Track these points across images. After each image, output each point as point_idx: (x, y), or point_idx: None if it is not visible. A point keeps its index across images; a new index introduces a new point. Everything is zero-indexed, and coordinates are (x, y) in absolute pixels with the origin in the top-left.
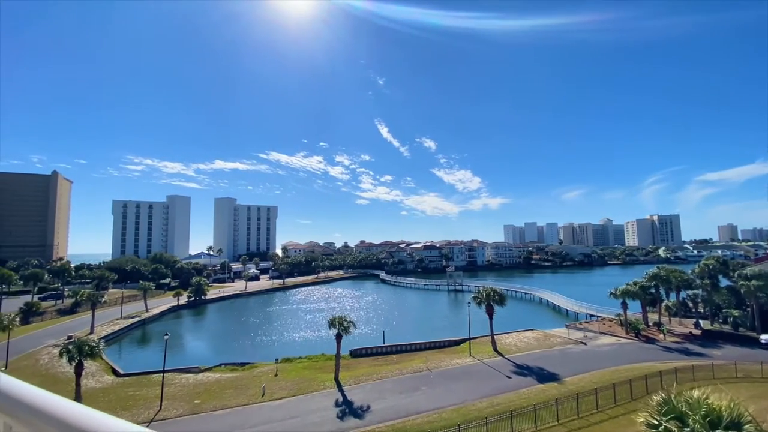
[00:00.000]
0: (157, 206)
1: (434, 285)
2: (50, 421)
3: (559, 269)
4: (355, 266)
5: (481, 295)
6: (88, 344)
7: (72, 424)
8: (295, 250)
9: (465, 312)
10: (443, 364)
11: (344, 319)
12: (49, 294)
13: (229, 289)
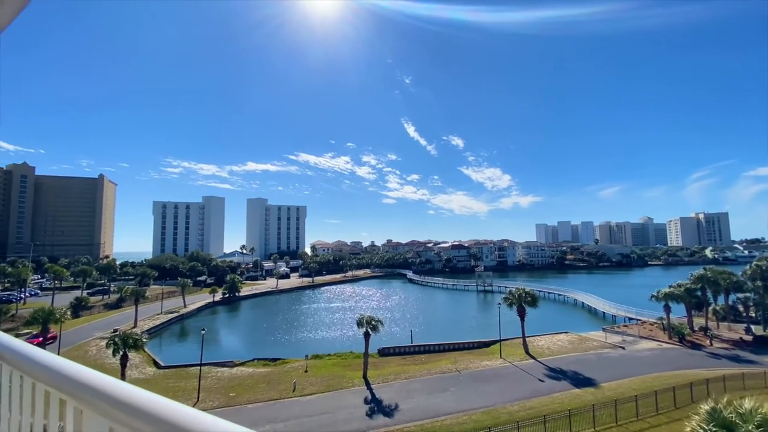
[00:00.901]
0: (193, 207)
1: (462, 285)
2: (153, 420)
3: (595, 270)
4: (382, 265)
5: (512, 296)
6: (132, 337)
7: (177, 424)
8: (323, 249)
9: (495, 313)
10: (473, 365)
11: (372, 318)
12: (96, 289)
13: (262, 286)
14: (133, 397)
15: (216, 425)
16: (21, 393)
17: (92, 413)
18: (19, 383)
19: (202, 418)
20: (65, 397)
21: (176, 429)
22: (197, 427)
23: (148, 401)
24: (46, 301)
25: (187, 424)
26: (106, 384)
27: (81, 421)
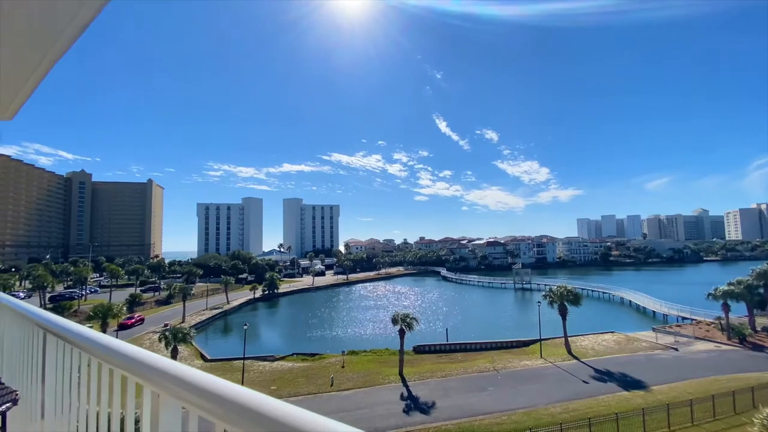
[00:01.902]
0: (234, 208)
1: (499, 283)
2: (220, 401)
3: (643, 266)
4: (415, 263)
5: (552, 294)
6: (182, 331)
7: (241, 403)
8: (356, 246)
9: (534, 312)
10: (511, 365)
11: (407, 315)
12: (148, 287)
13: (299, 283)
14: (203, 381)
15: (267, 404)
16: (99, 378)
17: (168, 396)
18: (97, 369)
19: (264, 399)
20: (142, 382)
21: (239, 407)
22: (257, 406)
23: (217, 384)
24: (105, 297)
25: (247, 402)
26: (181, 370)
27: (158, 403)
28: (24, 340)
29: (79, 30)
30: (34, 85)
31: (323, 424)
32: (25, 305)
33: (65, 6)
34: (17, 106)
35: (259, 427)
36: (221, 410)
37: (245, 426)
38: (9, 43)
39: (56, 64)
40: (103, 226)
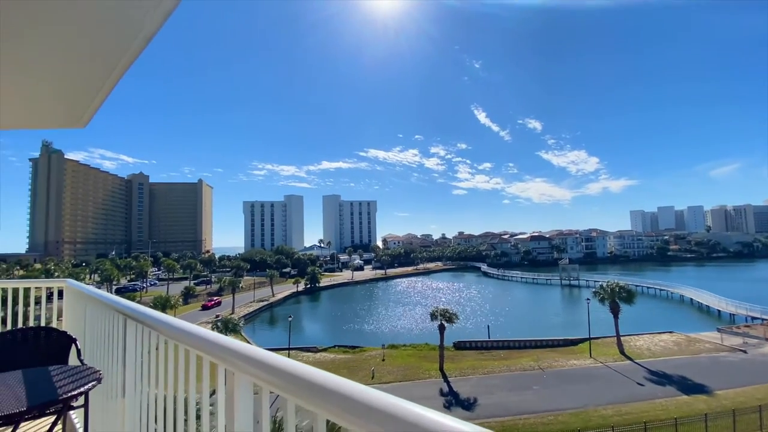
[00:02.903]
0: (277, 205)
1: (544, 279)
2: (287, 377)
3: (706, 262)
4: (454, 258)
5: (603, 291)
6: (232, 322)
7: (305, 379)
8: (394, 242)
9: (582, 309)
10: (557, 364)
11: (447, 310)
12: (200, 280)
13: (338, 278)
14: (274, 360)
15: (331, 379)
16: (176, 358)
17: (242, 373)
18: (174, 350)
19: (327, 375)
20: (217, 361)
21: (307, 383)
22: (322, 381)
23: (285, 363)
24: (163, 290)
25: (314, 378)
26: (252, 350)
27: (233, 380)
28: (106, 326)
29: (145, 42)
30: (105, 95)
31: (377, 397)
32: (108, 295)
33: (133, 21)
34: (90, 115)
35: (326, 402)
36: (291, 386)
37: (311, 399)
38: (85, 58)
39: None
40: (159, 223)
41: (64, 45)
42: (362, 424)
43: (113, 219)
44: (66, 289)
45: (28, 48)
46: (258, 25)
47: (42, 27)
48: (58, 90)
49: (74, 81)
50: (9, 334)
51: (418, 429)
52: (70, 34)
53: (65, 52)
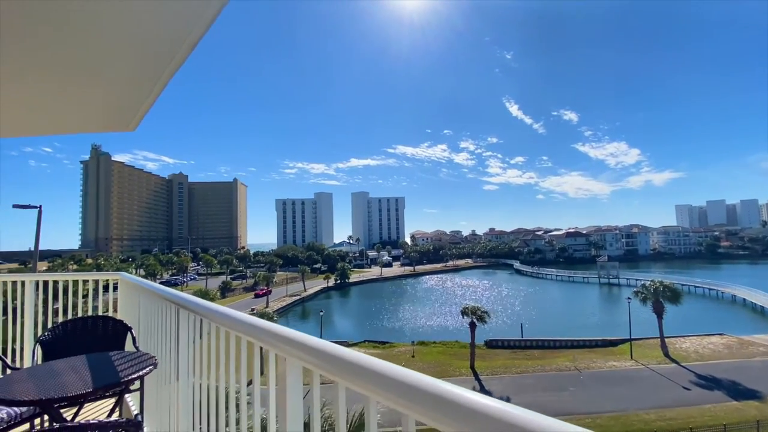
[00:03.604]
0: (308, 202)
1: (581, 277)
2: (334, 361)
3: (761, 260)
4: (485, 255)
5: (645, 290)
6: (267, 315)
7: (353, 363)
8: (422, 238)
9: (622, 309)
10: (595, 365)
11: (478, 308)
12: (237, 275)
13: (367, 274)
14: (323, 345)
15: (378, 364)
16: (227, 344)
17: (293, 359)
18: (225, 337)
19: (374, 360)
20: (268, 347)
21: (357, 368)
22: (368, 365)
23: (335, 348)
24: (202, 284)
25: (363, 362)
26: (303, 337)
27: (285, 365)
28: (160, 315)
29: (191, 47)
30: (153, 100)
31: (418, 377)
32: (161, 287)
33: (181, 27)
34: (139, 118)
35: (376, 386)
36: (341, 370)
37: (360, 383)
38: (137, 64)
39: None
40: (198, 221)
41: (117, 53)
42: (395, 399)
43: (156, 217)
44: (120, 281)
45: (85, 57)
46: (287, 27)
47: (96, 36)
48: (111, 96)
49: (126, 87)
50: (73, 322)
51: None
52: (123, 42)
53: (119, 60)
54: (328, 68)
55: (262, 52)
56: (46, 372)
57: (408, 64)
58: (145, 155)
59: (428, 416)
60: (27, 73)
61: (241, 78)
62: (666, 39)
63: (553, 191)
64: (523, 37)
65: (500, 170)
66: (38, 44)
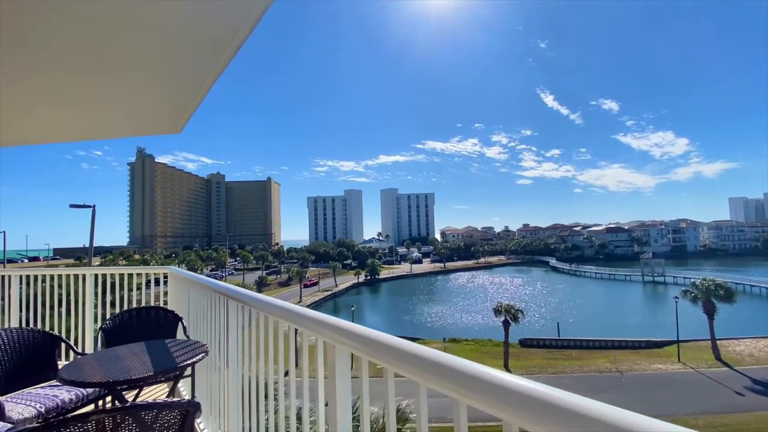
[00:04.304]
0: (338, 200)
1: (622, 275)
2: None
3: None
4: (519, 252)
5: (696, 289)
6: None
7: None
8: (452, 234)
9: (668, 309)
10: (638, 367)
11: (512, 306)
12: (271, 270)
13: (397, 270)
14: (370, 333)
15: (421, 350)
16: (276, 333)
17: (342, 345)
18: (274, 326)
19: (419, 347)
20: (316, 335)
21: (403, 353)
22: (413, 351)
23: (380, 336)
24: (239, 278)
25: (408, 349)
26: (349, 325)
27: (333, 352)
28: (209, 306)
29: (236, 49)
30: (198, 102)
31: (455, 360)
32: (210, 279)
33: (227, 30)
34: (185, 121)
35: (426, 372)
36: (389, 356)
37: (410, 369)
38: (185, 68)
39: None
40: (234, 218)
41: (168, 56)
42: (447, 385)
43: (196, 215)
44: (170, 275)
45: (138, 62)
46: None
47: (149, 40)
48: (161, 99)
49: (175, 90)
50: (130, 312)
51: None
52: (174, 45)
53: (169, 63)
54: (355, 66)
55: (291, 51)
56: (111, 357)
57: (435, 58)
58: (185, 156)
59: (482, 402)
60: (82, 83)
61: (272, 78)
62: (716, 17)
63: (592, 185)
64: (558, 25)
65: (535, 164)
66: (92, 53)
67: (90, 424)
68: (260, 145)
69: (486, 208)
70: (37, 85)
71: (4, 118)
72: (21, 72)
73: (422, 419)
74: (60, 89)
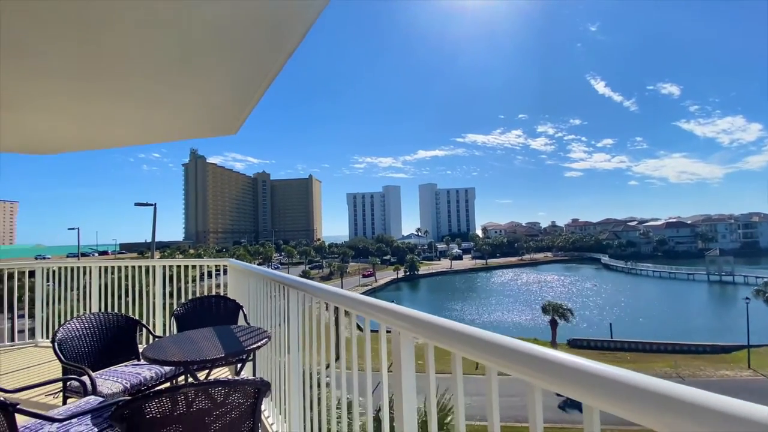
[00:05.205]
0: (376, 196)
1: (684, 273)
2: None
3: None
4: (567, 248)
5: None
6: None
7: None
8: (494, 230)
9: (738, 311)
10: (702, 373)
11: (560, 305)
12: (314, 264)
13: (437, 266)
14: (432, 319)
15: (479, 333)
16: (337, 319)
17: (407, 332)
18: (333, 311)
19: (487, 333)
20: (380, 321)
21: (468, 337)
22: (470, 333)
23: (439, 320)
24: (284, 272)
25: (471, 333)
26: (412, 312)
27: (399, 339)
28: (270, 295)
29: (291, 52)
30: (253, 105)
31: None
32: (271, 271)
33: (284, 31)
34: (241, 123)
35: (497, 356)
36: (455, 340)
37: (478, 354)
38: (244, 70)
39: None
40: (279, 215)
41: (229, 63)
42: (521, 369)
43: (244, 212)
44: (229, 266)
45: (201, 66)
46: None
47: (211, 45)
48: (221, 103)
49: (234, 92)
50: (200, 300)
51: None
52: (233, 48)
53: (229, 67)
54: (392, 61)
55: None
56: (185, 339)
57: (474, 49)
58: (234, 156)
59: (555, 384)
60: (152, 89)
61: (313, 76)
62: None
63: (650, 176)
64: (609, 6)
65: (585, 155)
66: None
67: (180, 396)
68: (302, 144)
69: (531, 202)
70: (120, 90)
71: (94, 124)
72: (107, 79)
73: (537, 420)
74: (136, 93)
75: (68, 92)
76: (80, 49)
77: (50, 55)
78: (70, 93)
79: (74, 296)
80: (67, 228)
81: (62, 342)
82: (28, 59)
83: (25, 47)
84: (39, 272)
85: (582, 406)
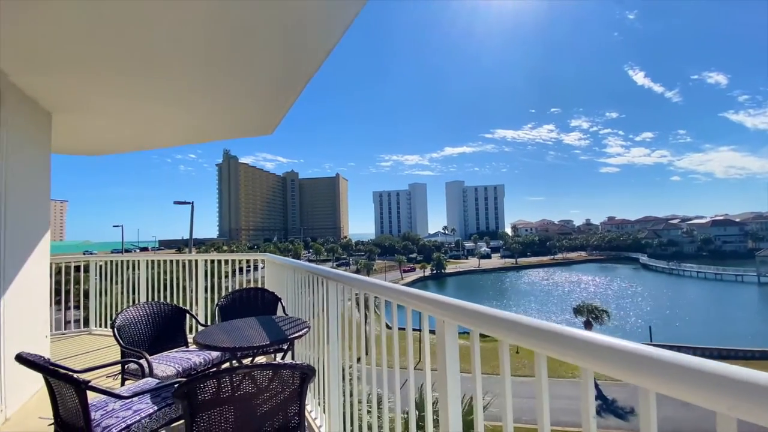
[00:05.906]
0: (402, 194)
1: (732, 274)
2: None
3: None
4: (603, 248)
5: None
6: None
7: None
8: (525, 228)
9: None
10: None
11: (596, 307)
12: (341, 262)
13: (464, 265)
14: (476, 307)
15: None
16: (371, 306)
17: (450, 320)
18: (373, 302)
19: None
20: (427, 311)
21: (513, 324)
22: (513, 319)
23: (487, 309)
24: None
25: (509, 317)
26: (454, 302)
27: (443, 326)
28: (308, 287)
29: (327, 53)
30: (289, 106)
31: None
32: (308, 264)
33: (322, 33)
34: (277, 123)
35: (546, 342)
36: (501, 328)
37: (526, 341)
38: (283, 72)
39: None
40: (307, 213)
41: (268, 65)
42: (571, 353)
43: (274, 210)
44: (267, 261)
45: (241, 72)
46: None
47: (251, 48)
48: (259, 105)
49: (273, 93)
50: (240, 291)
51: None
52: (273, 51)
53: (270, 69)
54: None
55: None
56: (231, 327)
57: (504, 41)
58: (264, 156)
59: (607, 369)
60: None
61: (340, 76)
62: None
63: (694, 171)
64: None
65: (622, 149)
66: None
67: (234, 377)
68: (329, 143)
69: (564, 199)
70: (169, 92)
71: (144, 126)
72: (156, 82)
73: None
74: (184, 95)
75: (124, 94)
76: (131, 53)
77: (103, 60)
78: (126, 95)
79: (119, 289)
80: (112, 225)
81: (121, 328)
82: (83, 64)
83: (84, 57)
84: (92, 266)
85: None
